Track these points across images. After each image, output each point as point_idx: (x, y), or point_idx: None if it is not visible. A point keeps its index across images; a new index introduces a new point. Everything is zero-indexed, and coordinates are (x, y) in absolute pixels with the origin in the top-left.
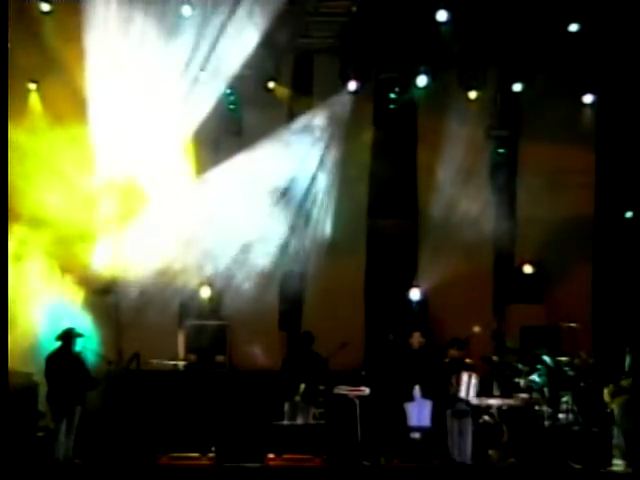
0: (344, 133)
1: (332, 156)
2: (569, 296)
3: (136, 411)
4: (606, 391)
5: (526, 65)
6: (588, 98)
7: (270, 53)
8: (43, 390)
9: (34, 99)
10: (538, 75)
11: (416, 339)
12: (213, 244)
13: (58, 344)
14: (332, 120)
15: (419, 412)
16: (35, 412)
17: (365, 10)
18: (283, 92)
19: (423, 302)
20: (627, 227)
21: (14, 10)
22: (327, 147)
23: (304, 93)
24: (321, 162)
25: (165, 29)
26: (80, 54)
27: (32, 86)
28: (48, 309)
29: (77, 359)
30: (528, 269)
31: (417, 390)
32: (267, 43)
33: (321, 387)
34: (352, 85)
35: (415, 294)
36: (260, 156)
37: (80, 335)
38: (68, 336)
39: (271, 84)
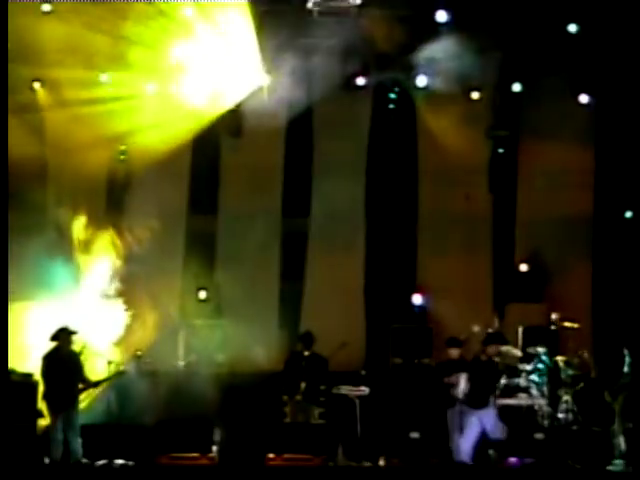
0: (343, 133)
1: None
2: (569, 296)
3: (137, 411)
4: (607, 391)
5: (526, 65)
6: (587, 98)
7: None
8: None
9: None
10: (538, 75)
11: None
12: None
13: (54, 343)
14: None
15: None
16: (34, 411)
17: (366, 9)
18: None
19: (423, 302)
20: (626, 227)
21: None
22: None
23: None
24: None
25: None
26: None
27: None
28: None
29: (72, 358)
30: (525, 267)
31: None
32: None
33: (321, 387)
34: (356, 83)
35: (417, 299)
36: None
37: (74, 332)
38: (63, 335)
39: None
